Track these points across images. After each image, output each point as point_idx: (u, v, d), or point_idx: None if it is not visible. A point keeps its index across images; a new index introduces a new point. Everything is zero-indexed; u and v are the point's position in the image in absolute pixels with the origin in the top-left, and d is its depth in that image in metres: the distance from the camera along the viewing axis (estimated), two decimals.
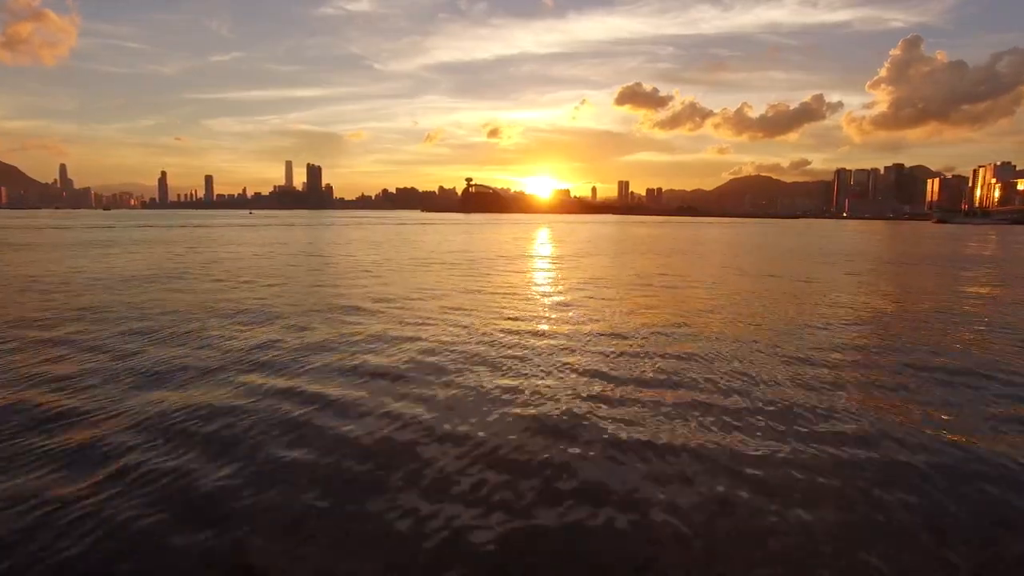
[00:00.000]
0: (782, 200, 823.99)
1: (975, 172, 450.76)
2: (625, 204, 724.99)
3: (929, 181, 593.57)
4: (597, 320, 17.54)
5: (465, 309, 19.12)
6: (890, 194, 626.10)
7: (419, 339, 14.47)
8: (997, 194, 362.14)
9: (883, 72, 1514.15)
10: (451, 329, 15.80)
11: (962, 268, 38.91)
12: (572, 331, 15.82)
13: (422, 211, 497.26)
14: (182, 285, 24.52)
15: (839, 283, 28.66)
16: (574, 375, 11.51)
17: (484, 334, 15.24)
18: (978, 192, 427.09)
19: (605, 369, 11.95)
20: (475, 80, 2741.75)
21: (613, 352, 13.38)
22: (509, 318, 17.66)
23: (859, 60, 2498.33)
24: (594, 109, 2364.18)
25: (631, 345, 14.10)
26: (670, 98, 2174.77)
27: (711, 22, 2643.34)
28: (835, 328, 16.79)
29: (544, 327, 16.43)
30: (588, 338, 14.91)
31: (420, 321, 16.94)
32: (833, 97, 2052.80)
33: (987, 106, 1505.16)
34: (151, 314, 17.58)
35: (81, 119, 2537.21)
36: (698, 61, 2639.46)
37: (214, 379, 11.00)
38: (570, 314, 18.57)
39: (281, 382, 10.85)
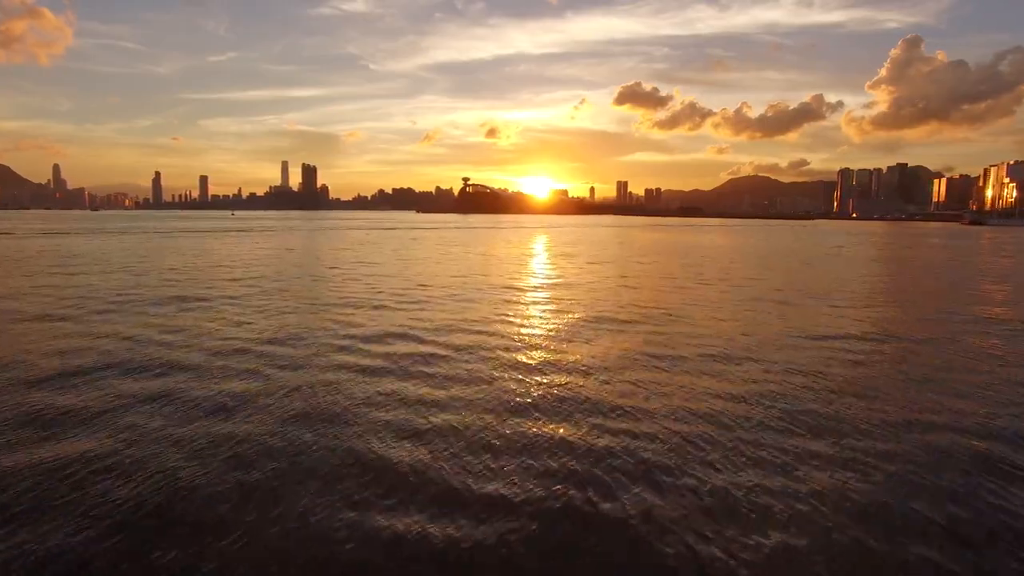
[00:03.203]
0: (782, 200, 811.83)
1: (986, 172, 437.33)
2: (624, 204, 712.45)
3: (935, 181, 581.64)
4: None
5: None
6: (893, 194, 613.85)
7: None
8: (1015, 194, 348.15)
9: (883, 72, 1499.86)
10: None
11: None
12: None
13: (417, 212, 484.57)
14: None
15: None
16: None
17: None
18: (990, 192, 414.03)
19: None
20: (472, 80, 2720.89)
21: None
22: None
23: (855, 60, 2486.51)
24: (592, 109, 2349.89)
25: None
26: (670, 98, 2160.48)
27: (707, 22, 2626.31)
28: None
29: None
30: None
31: None
32: (829, 97, 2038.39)
33: (988, 106, 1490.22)
34: None
35: (77, 119, 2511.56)
36: (694, 61, 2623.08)
37: None
38: None
39: None
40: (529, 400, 11.62)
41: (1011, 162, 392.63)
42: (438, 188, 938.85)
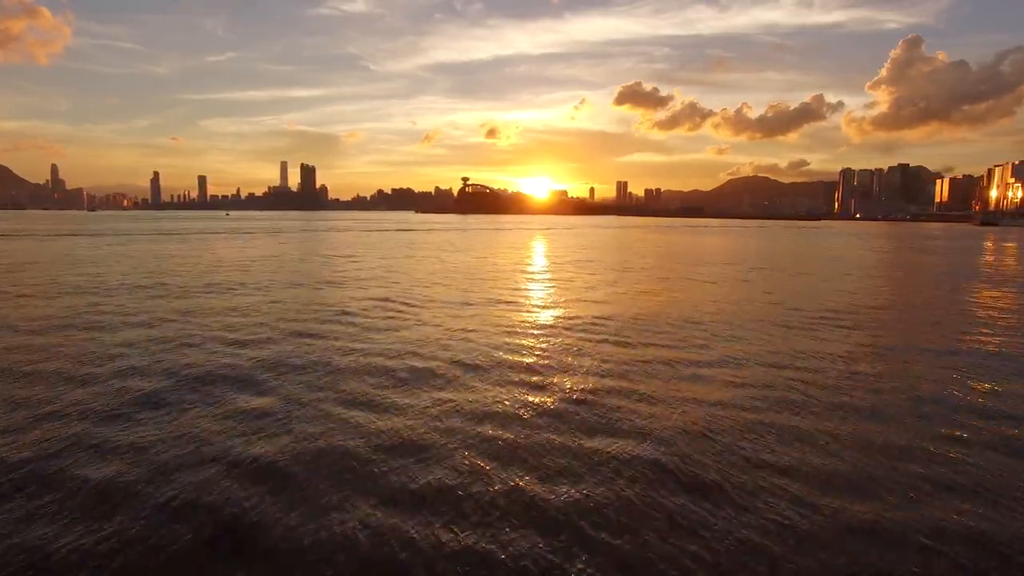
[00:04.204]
0: (782, 200, 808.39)
1: (989, 172, 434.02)
2: (624, 205, 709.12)
3: (938, 181, 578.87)
4: None
5: None
6: (895, 194, 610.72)
7: None
8: (1020, 194, 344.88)
9: (883, 72, 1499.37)
10: None
11: None
12: None
13: (416, 212, 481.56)
14: None
15: None
16: None
17: None
18: (994, 192, 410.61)
19: None
20: (472, 80, 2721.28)
21: None
22: None
23: (855, 61, 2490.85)
24: (592, 109, 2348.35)
25: None
26: (670, 98, 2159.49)
27: (707, 22, 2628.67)
28: None
29: None
30: None
31: None
32: (830, 97, 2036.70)
33: (988, 106, 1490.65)
34: None
35: (76, 119, 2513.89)
36: (694, 61, 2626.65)
37: None
38: None
39: None
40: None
41: (1016, 162, 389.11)
42: (437, 188, 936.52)
